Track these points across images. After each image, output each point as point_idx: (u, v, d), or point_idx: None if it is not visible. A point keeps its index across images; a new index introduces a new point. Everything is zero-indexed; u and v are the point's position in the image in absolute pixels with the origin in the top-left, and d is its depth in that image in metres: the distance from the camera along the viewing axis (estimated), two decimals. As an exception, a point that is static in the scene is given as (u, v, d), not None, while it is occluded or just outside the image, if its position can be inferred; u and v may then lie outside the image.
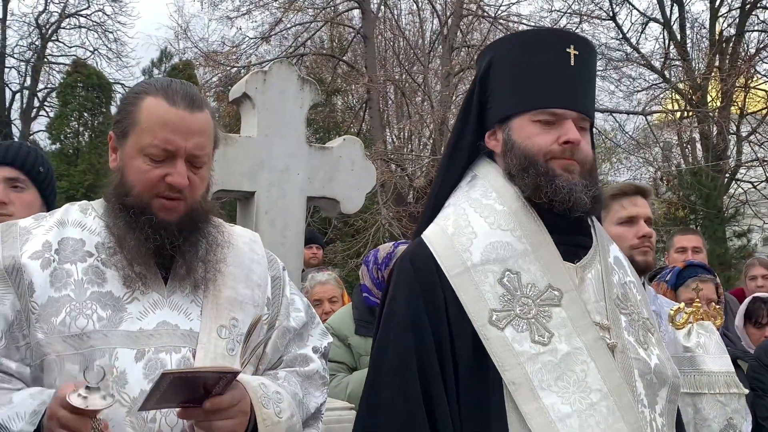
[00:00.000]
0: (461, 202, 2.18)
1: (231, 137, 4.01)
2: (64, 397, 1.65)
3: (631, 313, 2.14)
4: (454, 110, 18.18)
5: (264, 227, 3.95)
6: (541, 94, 2.11)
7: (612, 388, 1.96)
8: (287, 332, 2.17)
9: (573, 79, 2.14)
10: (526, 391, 1.92)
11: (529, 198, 2.11)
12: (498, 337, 1.96)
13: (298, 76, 4.22)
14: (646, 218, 3.21)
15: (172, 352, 1.90)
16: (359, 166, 4.30)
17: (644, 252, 3.14)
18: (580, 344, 1.98)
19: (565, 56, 2.12)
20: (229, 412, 1.82)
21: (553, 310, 2.01)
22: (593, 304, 2.06)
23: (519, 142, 2.11)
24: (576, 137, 2.07)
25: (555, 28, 3.66)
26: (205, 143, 1.98)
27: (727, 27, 20.80)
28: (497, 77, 2.20)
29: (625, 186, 3.28)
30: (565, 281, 2.05)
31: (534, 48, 2.18)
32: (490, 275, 2.02)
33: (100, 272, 1.92)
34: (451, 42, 17.87)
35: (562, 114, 2.09)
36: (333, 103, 21.16)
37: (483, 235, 2.08)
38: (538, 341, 1.97)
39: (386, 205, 15.59)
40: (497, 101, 2.19)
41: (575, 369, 1.96)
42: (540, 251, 2.07)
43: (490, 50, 2.29)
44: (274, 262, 2.24)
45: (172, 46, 23.16)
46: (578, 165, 2.09)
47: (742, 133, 20.90)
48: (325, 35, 21.17)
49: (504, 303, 2.00)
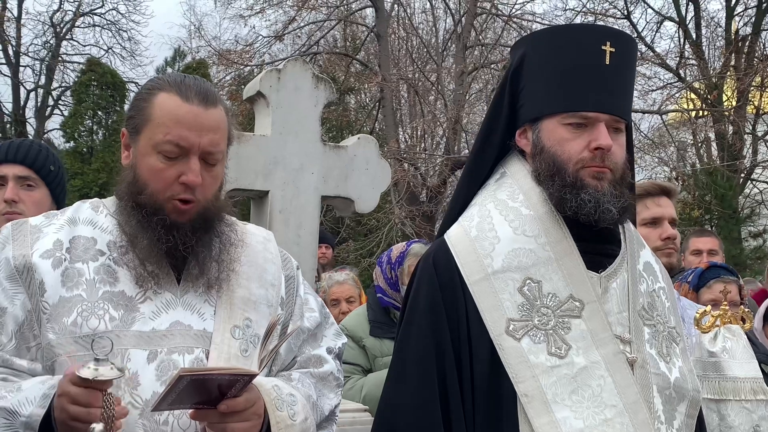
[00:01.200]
0: (487, 202, 2.12)
1: (245, 136, 3.99)
2: (74, 373, 1.63)
3: (656, 323, 2.08)
4: (467, 109, 18.16)
5: (278, 226, 3.92)
6: (572, 96, 2.02)
7: (628, 404, 1.92)
8: (301, 333, 2.13)
9: (607, 79, 2.04)
10: (538, 404, 1.88)
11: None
12: (513, 348, 1.92)
13: (313, 74, 4.19)
14: (671, 219, 3.15)
15: (185, 353, 1.87)
16: (374, 165, 4.27)
17: (668, 254, 3.08)
18: (599, 358, 1.94)
19: (600, 54, 2.03)
20: (243, 414, 1.79)
21: (573, 322, 1.96)
22: (616, 316, 2.01)
23: (548, 147, 2.04)
24: (607, 143, 1.99)
25: (591, 24, 3.54)
26: (219, 140, 1.94)
27: (743, 26, 20.67)
28: (529, 74, 2.12)
29: (649, 186, 3.19)
30: (588, 292, 1.99)
31: (567, 45, 2.08)
32: (510, 283, 1.98)
33: (112, 271, 1.90)
34: (465, 40, 17.83)
35: (594, 117, 2.01)
36: (346, 102, 21.18)
37: (506, 240, 2.03)
38: (554, 353, 1.92)
39: (399, 204, 15.58)
40: (528, 99, 2.11)
41: (591, 383, 1.92)
42: (564, 260, 2.01)
43: (523, 44, 2.21)
44: (288, 262, 2.20)
45: (186, 44, 23.23)
46: (609, 171, 2.01)
47: (758, 132, 20.77)
48: (339, 34, 21.20)
49: (523, 312, 1.95)
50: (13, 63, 25.23)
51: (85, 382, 1.63)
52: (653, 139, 20.00)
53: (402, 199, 15.92)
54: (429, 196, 16.73)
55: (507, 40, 19.46)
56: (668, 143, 20.22)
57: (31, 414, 1.70)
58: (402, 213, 15.32)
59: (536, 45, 2.15)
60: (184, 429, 1.83)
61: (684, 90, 19.88)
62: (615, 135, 2.03)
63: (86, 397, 1.64)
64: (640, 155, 19.23)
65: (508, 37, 19.56)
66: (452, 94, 17.28)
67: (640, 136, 19.37)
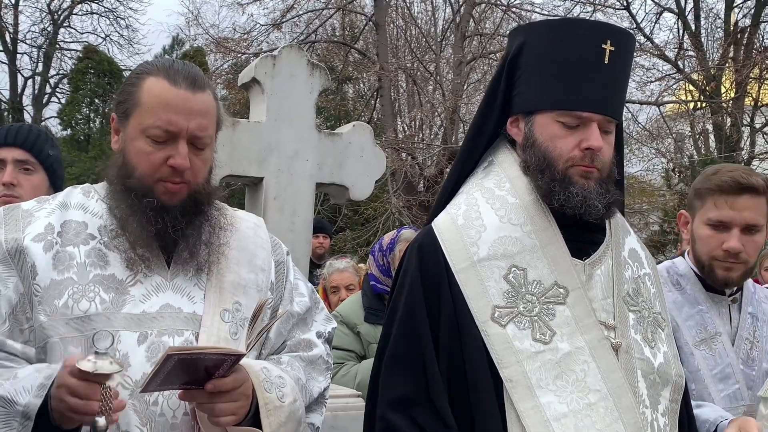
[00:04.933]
0: (474, 191, 2.14)
1: (240, 122, 3.99)
2: (73, 365, 1.65)
3: (641, 309, 2.10)
4: (465, 99, 18.14)
5: (272, 213, 3.93)
6: (568, 95, 2.02)
7: (612, 388, 1.94)
8: (291, 317, 2.15)
9: (604, 79, 2.04)
10: (522, 389, 1.91)
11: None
12: (499, 334, 1.94)
13: (308, 61, 4.19)
14: (747, 225, 2.57)
15: (175, 335, 1.89)
16: (369, 153, 4.27)
17: (727, 269, 2.61)
18: (583, 344, 1.96)
19: (600, 53, 2.02)
20: (231, 395, 1.81)
21: (557, 308, 1.98)
22: (600, 302, 2.03)
23: (541, 141, 2.05)
24: (598, 145, 2.00)
25: (592, 20, 3.44)
26: (208, 124, 1.95)
27: (743, 18, 20.62)
28: (527, 64, 2.10)
29: (725, 180, 2.59)
30: (572, 279, 2.02)
31: (567, 40, 2.05)
32: (496, 270, 2.00)
33: (103, 255, 1.91)
34: (464, 30, 17.80)
35: (588, 117, 2.01)
36: (344, 91, 21.14)
37: (492, 228, 2.04)
38: (539, 339, 1.95)
39: (396, 194, 15.59)
40: (523, 90, 2.11)
41: (575, 368, 1.94)
42: (548, 247, 2.03)
43: (522, 32, 2.19)
44: (278, 247, 2.22)
45: (183, 32, 23.16)
46: (597, 171, 2.03)
47: (755, 124, 20.76)
48: (337, 22, 21.13)
49: (508, 299, 1.97)
50: (11, 50, 25.17)
51: (84, 375, 1.65)
52: (651, 130, 19.98)
53: (399, 188, 15.93)
54: (426, 185, 16.73)
55: (506, 30, 19.41)
56: (666, 135, 20.20)
57: (28, 404, 1.72)
58: (399, 203, 15.33)
59: (536, 35, 2.13)
60: (174, 409, 1.86)
61: (682, 81, 19.86)
62: (605, 134, 2.04)
63: (85, 389, 1.66)
64: (637, 146, 19.25)
65: (507, 27, 19.51)
66: (450, 84, 17.25)
67: (638, 127, 19.38)
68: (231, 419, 1.83)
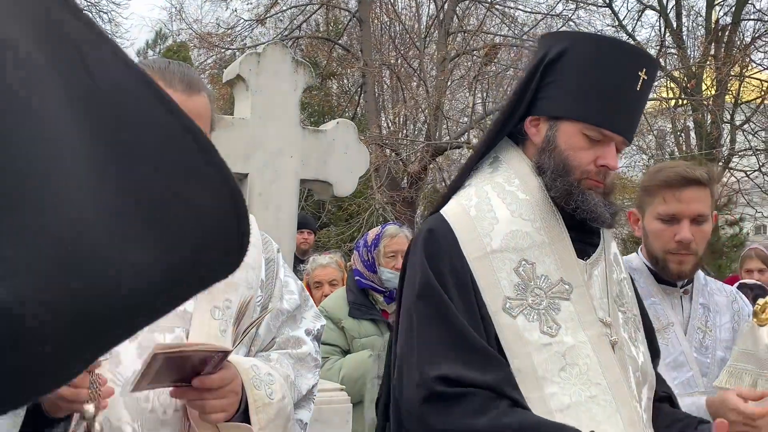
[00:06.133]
0: (484, 185, 2.17)
1: (224, 119, 4.00)
2: None
3: (626, 310, 2.19)
4: (449, 95, 18.17)
5: (257, 209, 3.95)
6: (600, 111, 2.09)
7: (611, 382, 2.00)
8: (280, 314, 2.17)
9: (634, 104, 2.14)
10: (531, 380, 1.95)
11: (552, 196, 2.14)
12: (509, 325, 1.99)
13: (292, 58, 4.21)
14: (696, 216, 2.70)
15: (166, 332, 1.90)
16: (353, 150, 4.30)
17: (679, 262, 2.73)
18: (585, 338, 2.02)
19: (635, 79, 2.09)
20: (220, 392, 1.83)
21: (563, 303, 2.04)
22: (598, 301, 2.11)
23: (563, 149, 2.11)
24: (614, 165, 2.11)
25: (636, 46, 3.42)
26: (202, 126, 1.94)
27: (723, 15, 20.77)
28: (564, 70, 2.12)
29: (670, 176, 2.73)
30: (576, 276, 2.08)
31: (611, 60, 2.11)
32: (507, 263, 2.04)
33: None
34: (447, 27, 17.81)
35: (611, 136, 2.09)
36: (328, 87, 21.10)
37: (504, 222, 2.09)
38: (546, 332, 1.99)
39: (380, 190, 15.59)
40: (555, 95, 2.14)
41: (578, 362, 1.99)
42: (556, 245, 2.10)
43: (566, 39, 2.21)
44: (268, 244, 2.23)
45: (167, 27, 23.02)
46: (604, 186, 2.13)
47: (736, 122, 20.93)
48: (321, 18, 21.08)
49: (518, 292, 2.02)
50: (-9, 44, 24.92)
51: None
52: (633, 127, 20.09)
53: (383, 184, 15.93)
54: (410, 181, 16.76)
55: (489, 27, 19.47)
56: (647, 131, 20.34)
57: None
58: (383, 198, 15.34)
59: (581, 46, 2.16)
60: (165, 406, 1.87)
61: (663, 78, 20.00)
62: (617, 153, 2.15)
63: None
64: (619, 143, 19.33)
65: (491, 24, 19.57)
66: (434, 80, 17.27)
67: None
68: (221, 416, 1.85)
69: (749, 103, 20.77)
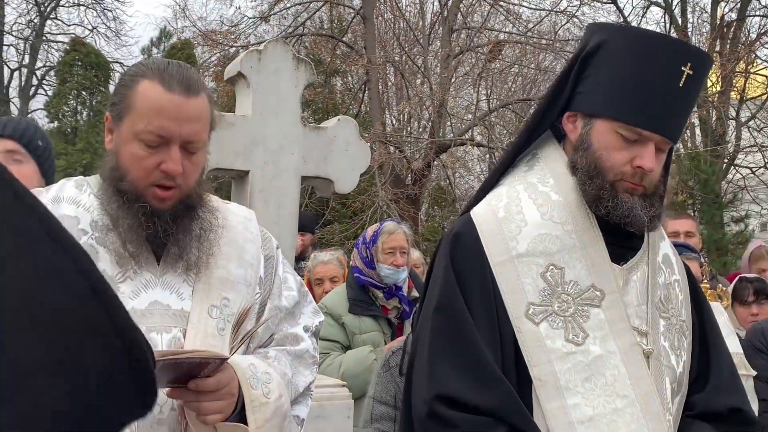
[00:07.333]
0: (516, 184, 2.09)
1: (226, 116, 4.01)
2: None
3: (670, 316, 2.08)
4: (453, 92, 18.16)
5: (258, 206, 3.95)
6: (635, 110, 1.96)
7: (640, 395, 1.91)
8: (279, 311, 2.17)
9: (675, 102, 1.98)
10: (551, 389, 1.88)
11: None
12: (531, 332, 1.91)
13: (294, 55, 4.21)
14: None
15: (163, 331, 1.91)
16: (354, 147, 4.30)
17: None
18: (614, 348, 1.93)
19: (678, 75, 1.95)
20: (216, 394, 1.84)
21: (592, 311, 1.95)
22: (634, 308, 2.00)
23: (596, 148, 2.00)
24: (650, 166, 1.96)
25: (678, 39, 3.30)
26: (201, 129, 1.94)
27: (729, 11, 20.74)
28: (601, 65, 2.02)
29: None
30: (609, 282, 1.98)
31: (649, 54, 1.96)
32: (534, 267, 1.96)
33: (94, 251, 1.91)
34: (451, 24, 17.81)
35: (648, 136, 1.96)
36: (332, 85, 21.11)
37: (533, 224, 2.01)
38: (571, 340, 1.91)
39: (384, 187, 15.61)
40: (590, 91, 2.04)
41: (605, 373, 1.91)
42: (588, 249, 2.00)
43: (605, 32, 2.07)
44: (268, 241, 2.23)
45: (171, 25, 23.05)
46: (643, 188, 2.00)
47: (741, 118, 20.88)
48: (325, 15, 21.09)
49: (543, 297, 1.94)
50: (-3, 42, 25.00)
51: None
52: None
53: (387, 182, 15.94)
54: (413, 179, 16.76)
55: (493, 23, 19.46)
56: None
57: None
58: (387, 196, 15.35)
59: (619, 39, 2.03)
60: (161, 405, 1.88)
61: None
62: (658, 152, 1.99)
63: None
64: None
65: (495, 21, 19.56)
66: (438, 77, 17.26)
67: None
68: (217, 417, 1.86)
69: (755, 99, 20.73)
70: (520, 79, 18.45)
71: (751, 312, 4.48)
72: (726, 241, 17.79)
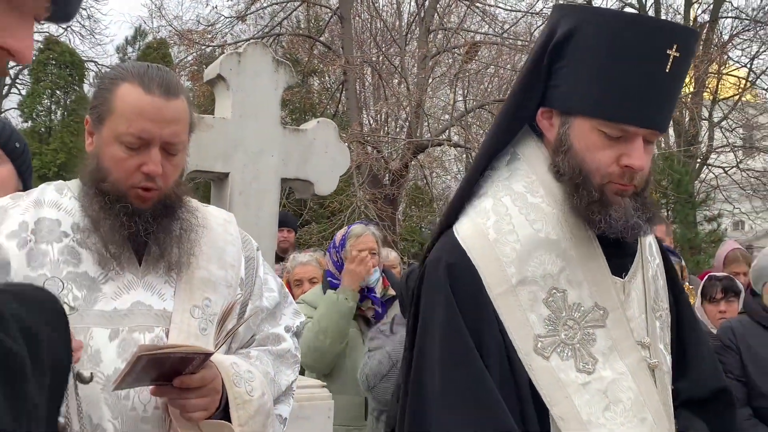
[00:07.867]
0: (501, 195, 1.90)
1: (205, 118, 4.02)
2: None
3: (661, 312, 1.98)
4: (430, 93, 18.20)
5: (238, 208, 3.96)
6: (617, 105, 1.76)
7: (654, 414, 1.83)
8: (260, 312, 2.20)
9: (661, 90, 1.78)
10: (575, 426, 1.76)
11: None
12: (544, 368, 1.78)
13: (273, 57, 4.23)
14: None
15: (146, 331, 1.94)
16: (333, 149, 4.32)
17: None
18: (624, 368, 1.83)
19: (663, 60, 1.74)
20: (201, 391, 1.87)
21: (598, 332, 1.83)
22: (636, 321, 1.89)
23: (577, 150, 1.81)
24: (640, 164, 1.78)
25: (660, 19, 3.01)
26: (180, 131, 1.99)
27: (701, 13, 21.00)
28: (573, 57, 1.81)
29: None
30: (611, 298, 1.85)
31: (627, 40, 1.74)
32: (535, 295, 1.81)
33: (76, 252, 1.95)
34: (428, 24, 17.85)
35: (634, 131, 1.77)
36: (309, 84, 21.09)
37: (528, 243, 1.83)
38: (582, 369, 1.79)
39: (362, 188, 15.62)
40: (564, 85, 1.83)
41: (621, 397, 1.81)
42: (589, 264, 1.85)
43: (575, 16, 1.83)
44: (248, 243, 2.26)
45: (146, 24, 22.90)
46: (633, 188, 1.83)
47: (714, 118, 21.15)
48: (302, 15, 21.06)
49: (549, 326, 1.80)
50: (-31, 40, 24.67)
51: None
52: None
53: (365, 182, 15.96)
54: (391, 179, 16.80)
55: (469, 24, 19.53)
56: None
57: None
58: (365, 196, 15.36)
59: (592, 25, 1.80)
60: (145, 403, 1.90)
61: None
62: (647, 145, 1.81)
63: None
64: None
65: (471, 22, 19.64)
66: (415, 77, 17.30)
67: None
68: (202, 414, 1.88)
69: (727, 100, 21.00)
70: (497, 79, 18.53)
71: (719, 309, 4.62)
72: (699, 240, 18.02)
